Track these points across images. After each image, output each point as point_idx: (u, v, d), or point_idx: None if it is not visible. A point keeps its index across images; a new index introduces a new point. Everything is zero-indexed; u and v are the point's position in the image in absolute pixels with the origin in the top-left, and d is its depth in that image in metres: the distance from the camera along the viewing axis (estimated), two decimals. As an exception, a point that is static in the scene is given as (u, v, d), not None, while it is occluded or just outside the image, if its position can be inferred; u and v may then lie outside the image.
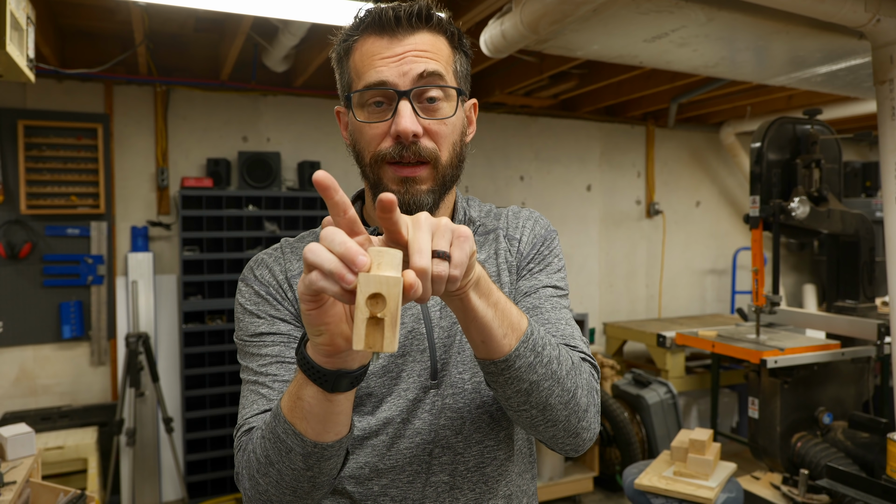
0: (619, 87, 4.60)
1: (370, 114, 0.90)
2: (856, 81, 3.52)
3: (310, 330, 0.71)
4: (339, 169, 4.50)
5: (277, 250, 1.02)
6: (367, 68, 0.89)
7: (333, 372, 0.73)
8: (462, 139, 0.95)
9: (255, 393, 0.91)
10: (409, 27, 0.88)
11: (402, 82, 0.87)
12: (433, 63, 0.88)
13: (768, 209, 2.90)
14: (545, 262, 1.03)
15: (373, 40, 0.89)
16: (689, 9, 2.48)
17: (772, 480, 2.85)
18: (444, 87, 0.89)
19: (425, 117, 0.88)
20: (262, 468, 0.82)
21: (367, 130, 0.90)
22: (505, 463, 0.98)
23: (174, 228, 4.05)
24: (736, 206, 6.16)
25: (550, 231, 1.08)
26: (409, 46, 0.87)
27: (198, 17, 3.46)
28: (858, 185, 5.63)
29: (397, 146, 0.87)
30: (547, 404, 0.83)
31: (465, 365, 0.96)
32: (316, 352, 0.72)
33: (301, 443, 0.77)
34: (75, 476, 3.46)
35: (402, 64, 0.87)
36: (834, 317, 3.08)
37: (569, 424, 0.86)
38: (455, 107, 0.91)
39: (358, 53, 0.91)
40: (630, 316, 5.66)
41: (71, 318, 3.79)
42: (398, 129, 0.86)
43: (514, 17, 2.58)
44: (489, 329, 0.76)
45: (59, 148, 3.75)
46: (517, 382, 0.80)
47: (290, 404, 0.77)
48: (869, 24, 2.47)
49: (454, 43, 0.94)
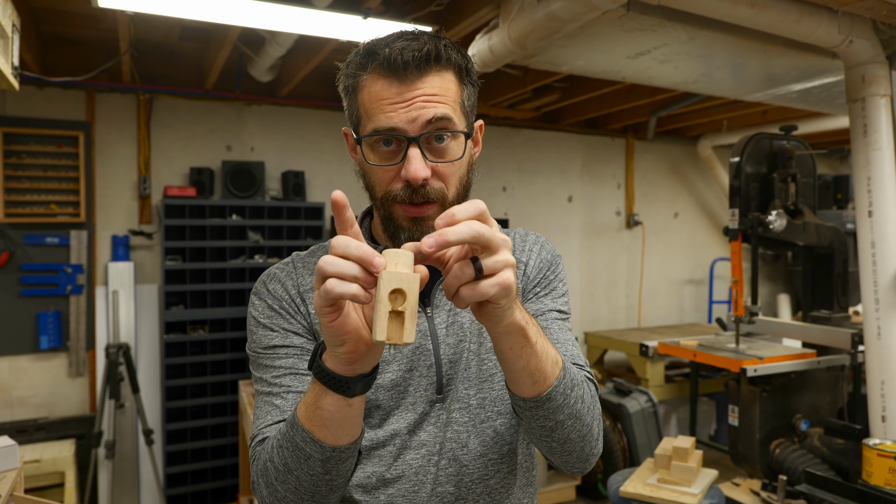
0: (601, 100, 4.69)
1: (380, 155, 0.91)
2: (829, 98, 3.64)
3: (332, 342, 0.74)
4: (322, 178, 4.51)
5: (289, 265, 1.04)
6: (376, 112, 0.89)
7: (354, 378, 0.77)
8: (469, 169, 0.97)
9: (269, 404, 0.94)
10: (418, 71, 0.88)
11: (411, 128, 0.87)
12: (441, 107, 0.89)
13: (747, 222, 2.98)
14: (551, 287, 1.07)
15: (381, 84, 0.89)
16: (671, 27, 2.55)
17: (751, 486, 2.91)
18: (453, 131, 0.91)
19: (434, 160, 0.90)
20: (281, 475, 0.84)
21: (378, 172, 0.92)
22: (508, 476, 1.02)
23: (156, 238, 4.02)
24: (713, 218, 6.28)
25: (556, 256, 1.11)
26: (417, 92, 0.88)
27: (183, 26, 3.46)
28: (830, 198, 5.78)
29: (407, 189, 0.89)
30: (567, 439, 0.89)
31: (471, 381, 1.00)
32: (337, 361, 0.76)
33: (320, 449, 0.81)
34: (52, 490, 3.39)
35: (411, 110, 0.87)
36: (810, 326, 3.16)
37: (582, 453, 0.93)
38: (463, 147, 0.93)
39: (366, 93, 0.91)
40: (610, 325, 5.73)
41: (49, 328, 3.73)
42: (408, 176, 0.87)
43: (501, 33, 2.63)
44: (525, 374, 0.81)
45: (39, 155, 3.70)
46: (542, 420, 0.85)
47: (309, 414, 0.80)
48: (842, 45, 2.56)
49: (462, 77, 0.94)
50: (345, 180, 4.58)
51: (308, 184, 4.42)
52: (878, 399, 2.56)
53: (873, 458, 2.31)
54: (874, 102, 2.60)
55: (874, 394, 2.58)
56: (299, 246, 4.03)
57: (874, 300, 2.57)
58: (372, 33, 0.96)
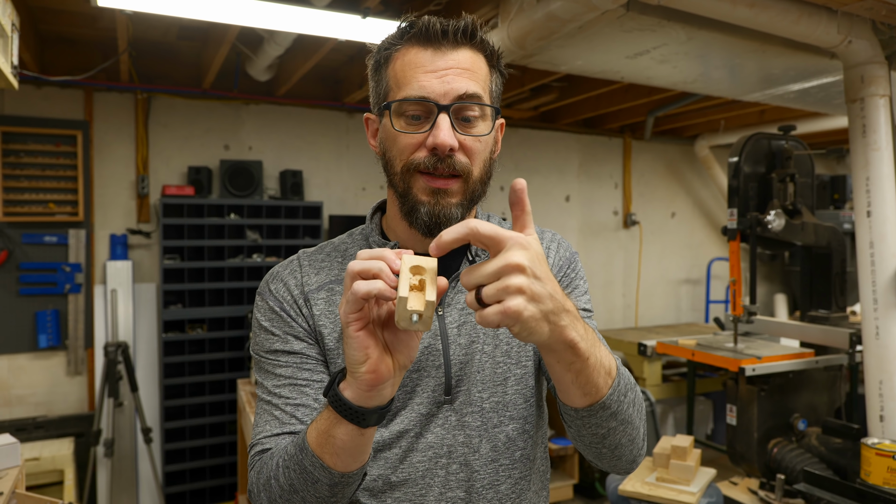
0: (598, 100, 4.69)
1: (407, 124, 0.90)
2: (827, 98, 3.65)
3: (355, 357, 0.73)
4: (320, 177, 4.51)
5: (294, 262, 1.03)
6: (409, 80, 0.88)
7: (370, 410, 0.76)
8: (491, 157, 0.96)
9: (269, 414, 0.94)
10: (454, 42, 0.88)
11: (442, 98, 0.87)
12: (473, 84, 0.89)
13: (745, 222, 2.99)
14: (573, 286, 1.04)
15: (416, 51, 0.89)
16: (670, 28, 2.56)
17: (749, 485, 2.92)
18: (483, 105, 0.90)
19: (462, 133, 0.89)
20: (286, 494, 0.85)
21: (402, 139, 0.90)
22: (520, 482, 1.00)
23: (154, 237, 4.01)
24: (710, 218, 6.30)
25: (573, 253, 1.09)
26: (451, 62, 0.88)
27: (182, 25, 3.45)
28: (827, 198, 5.80)
29: (432, 157, 0.88)
30: (618, 444, 0.87)
31: (485, 384, 0.97)
32: (357, 387, 0.75)
33: (329, 475, 0.81)
34: (51, 488, 3.38)
35: (445, 81, 0.87)
36: (808, 326, 3.17)
37: (630, 455, 0.91)
38: (491, 125, 0.93)
39: (399, 63, 0.90)
40: (607, 325, 5.74)
41: (47, 326, 3.72)
42: (436, 142, 0.86)
43: (501, 33, 2.63)
44: (576, 385, 0.77)
45: (37, 154, 3.69)
46: (594, 428, 0.83)
47: (320, 441, 0.80)
48: (841, 45, 2.57)
49: (492, 62, 0.94)
50: (343, 179, 4.59)
51: (306, 183, 4.42)
52: (877, 398, 2.57)
53: (871, 458, 2.32)
54: (873, 103, 2.60)
55: (872, 393, 2.59)
56: (297, 245, 4.03)
57: (872, 300, 2.58)
58: (371, 33, 0.97)
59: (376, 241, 1.02)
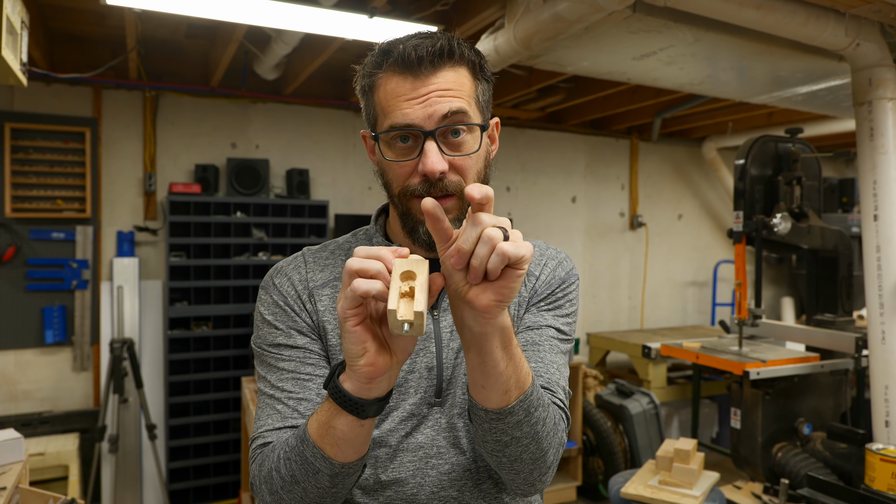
0: (605, 101, 4.68)
1: (397, 152, 0.91)
2: (835, 101, 3.63)
3: (353, 351, 0.75)
4: (326, 176, 4.52)
5: (298, 258, 1.04)
6: (392, 109, 0.90)
7: (369, 401, 0.78)
8: (486, 164, 0.96)
9: (271, 408, 0.95)
10: (432, 66, 0.89)
11: (427, 123, 0.88)
12: (456, 101, 0.89)
13: (752, 224, 2.98)
14: (556, 304, 1.05)
15: (396, 80, 0.90)
16: (676, 29, 2.55)
17: (753, 490, 2.91)
18: (468, 124, 0.91)
19: (450, 153, 0.90)
20: (287, 486, 0.86)
21: (395, 168, 0.92)
22: None
23: (161, 234, 4.03)
24: (717, 220, 6.27)
25: (571, 275, 1.09)
26: (432, 86, 0.88)
27: (190, 23, 3.46)
28: (835, 201, 5.76)
29: (424, 183, 0.89)
30: (519, 458, 0.87)
31: None
32: (356, 379, 0.77)
33: (329, 465, 0.83)
34: (56, 483, 3.41)
35: (427, 105, 0.88)
36: (813, 330, 3.15)
37: (530, 477, 0.91)
38: (479, 140, 0.93)
39: (382, 91, 0.92)
40: (613, 326, 5.72)
41: (54, 322, 3.75)
42: (425, 170, 0.87)
43: (507, 33, 2.63)
44: (497, 382, 0.80)
45: (45, 151, 3.72)
46: (499, 434, 0.84)
47: (321, 432, 0.82)
48: (849, 48, 2.56)
49: (476, 73, 0.94)
50: (349, 178, 4.59)
51: (312, 182, 4.43)
52: (882, 404, 2.55)
53: (876, 463, 2.30)
54: (881, 106, 2.59)
55: (878, 398, 2.57)
56: (303, 243, 4.04)
57: (879, 304, 2.57)
58: (377, 32, 0.97)
59: (379, 244, 1.03)
